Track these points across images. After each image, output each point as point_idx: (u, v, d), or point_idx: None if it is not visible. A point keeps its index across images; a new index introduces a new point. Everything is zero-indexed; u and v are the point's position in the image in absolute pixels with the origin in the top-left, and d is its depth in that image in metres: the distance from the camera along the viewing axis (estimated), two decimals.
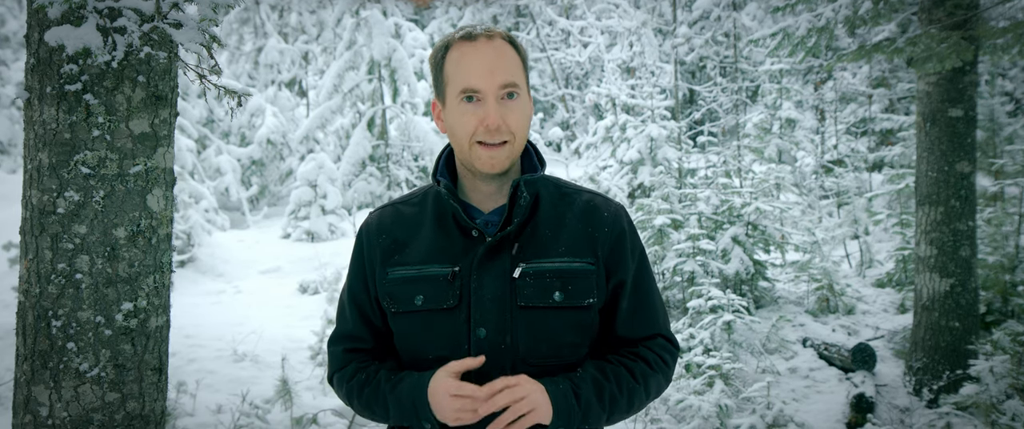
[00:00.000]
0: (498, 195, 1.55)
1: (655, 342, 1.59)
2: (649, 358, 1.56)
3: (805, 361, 5.80)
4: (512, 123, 1.47)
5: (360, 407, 1.56)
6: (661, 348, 1.59)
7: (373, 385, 1.53)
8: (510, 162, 1.50)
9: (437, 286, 1.49)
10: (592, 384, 1.46)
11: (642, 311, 1.59)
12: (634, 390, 1.51)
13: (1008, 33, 4.72)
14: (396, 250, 1.55)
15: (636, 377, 1.52)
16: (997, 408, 4.38)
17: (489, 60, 1.46)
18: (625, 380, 1.50)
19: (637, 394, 1.52)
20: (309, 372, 5.85)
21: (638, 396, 1.52)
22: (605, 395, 1.47)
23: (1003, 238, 6.39)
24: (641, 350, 1.57)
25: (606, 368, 1.51)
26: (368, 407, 1.54)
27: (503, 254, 1.49)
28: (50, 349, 2.36)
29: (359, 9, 12.04)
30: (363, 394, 1.54)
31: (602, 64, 16.10)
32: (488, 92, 1.45)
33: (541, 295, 1.47)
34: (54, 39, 2.17)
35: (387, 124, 12.09)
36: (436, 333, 1.49)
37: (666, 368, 1.58)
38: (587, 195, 1.60)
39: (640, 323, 1.59)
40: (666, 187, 7.31)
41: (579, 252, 1.51)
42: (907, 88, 11.98)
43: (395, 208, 1.62)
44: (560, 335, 1.49)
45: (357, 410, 1.58)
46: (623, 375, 1.50)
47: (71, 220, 2.34)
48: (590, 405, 1.45)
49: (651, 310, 1.60)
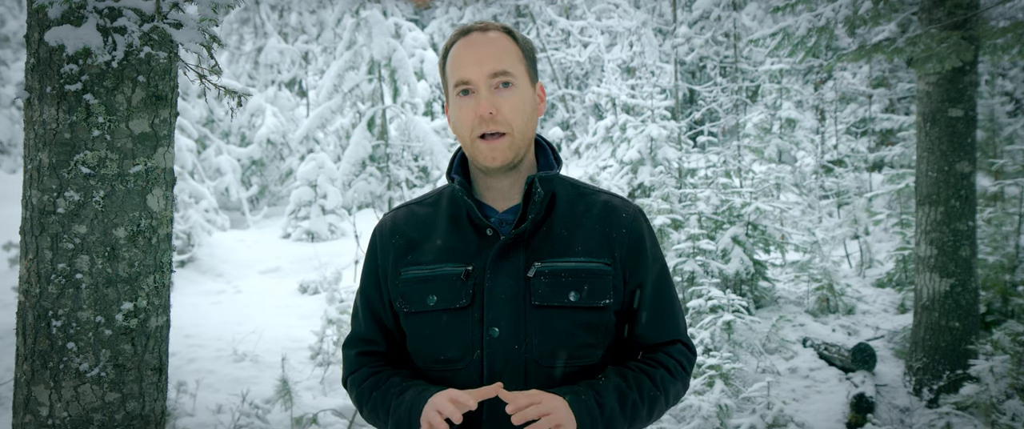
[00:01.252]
0: (512, 193, 1.53)
1: (675, 348, 1.56)
2: (670, 365, 1.53)
3: (805, 361, 5.80)
4: (507, 112, 1.45)
5: (369, 413, 1.54)
6: (680, 354, 1.56)
7: (383, 390, 1.50)
8: (512, 153, 1.47)
9: (450, 285, 1.47)
10: (615, 393, 1.43)
11: (662, 316, 1.56)
12: (655, 398, 1.48)
13: (1008, 33, 4.72)
14: (410, 250, 1.53)
15: (657, 385, 1.49)
16: (997, 408, 4.38)
17: (479, 50, 1.45)
18: (647, 388, 1.47)
19: (658, 402, 1.49)
20: (309, 372, 5.85)
21: (659, 404, 1.50)
22: (627, 404, 1.44)
23: (1003, 238, 6.39)
24: (661, 356, 1.54)
25: (628, 376, 1.48)
26: (375, 412, 1.52)
27: (517, 252, 1.47)
28: (50, 349, 2.36)
29: (359, 9, 12.03)
30: (372, 398, 1.51)
31: (602, 64, 16.10)
32: (479, 82, 1.44)
33: (556, 294, 1.45)
34: (54, 39, 2.17)
35: (387, 124, 12.09)
36: (449, 333, 1.46)
37: (685, 375, 1.56)
38: (605, 196, 1.58)
39: (660, 328, 1.56)
40: (666, 187, 7.31)
41: (596, 252, 1.49)
42: (907, 88, 11.98)
43: (409, 209, 1.60)
44: (574, 335, 1.46)
45: (366, 416, 1.56)
46: (645, 383, 1.48)
47: (71, 220, 2.34)
48: (613, 415, 1.41)
49: (671, 315, 1.57)
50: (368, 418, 1.55)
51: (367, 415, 1.55)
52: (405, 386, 1.47)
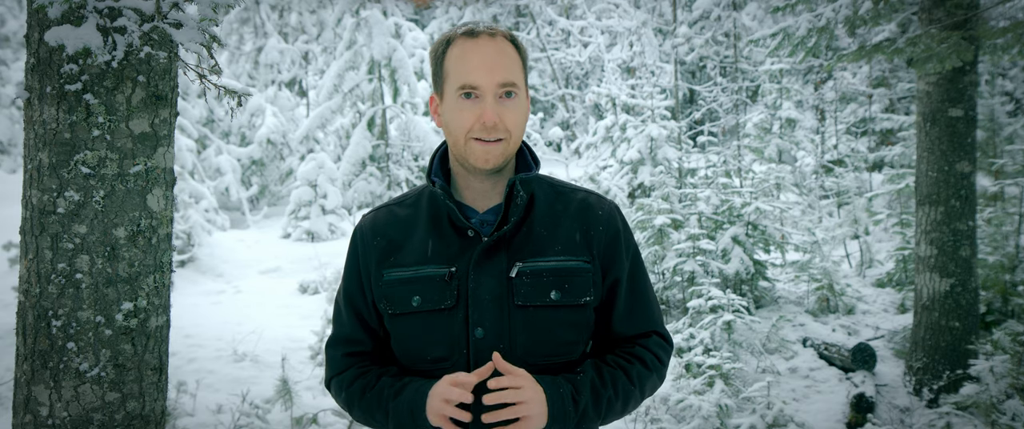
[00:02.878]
0: (492, 194, 1.55)
1: (650, 340, 1.60)
2: (646, 358, 1.57)
3: (805, 361, 5.80)
4: (509, 122, 1.47)
5: (360, 413, 1.54)
6: (656, 346, 1.60)
7: (375, 391, 1.51)
8: (504, 159, 1.50)
9: (434, 287, 1.49)
10: (590, 390, 1.47)
11: (638, 309, 1.60)
12: (629, 393, 1.52)
13: (1008, 33, 4.72)
14: (392, 252, 1.54)
15: (632, 379, 1.53)
16: (997, 408, 4.38)
17: (490, 58, 1.47)
18: (622, 384, 1.51)
19: (632, 396, 1.53)
20: (309, 372, 5.85)
21: (633, 398, 1.54)
22: (602, 401, 1.48)
23: (1003, 238, 6.39)
24: (637, 350, 1.58)
25: (604, 371, 1.51)
26: (369, 413, 1.52)
27: (500, 253, 1.49)
28: (50, 349, 2.36)
29: (359, 9, 12.03)
30: (364, 399, 1.52)
31: (602, 64, 16.10)
32: (487, 90, 1.46)
33: (538, 294, 1.48)
34: (54, 39, 2.17)
35: (387, 124, 12.08)
36: (434, 334, 1.48)
37: (661, 367, 1.60)
38: (582, 194, 1.61)
39: (636, 320, 1.60)
40: (666, 187, 7.31)
41: (575, 251, 1.52)
42: (907, 88, 11.98)
43: (389, 210, 1.61)
44: (558, 334, 1.49)
45: (357, 417, 1.56)
46: (620, 379, 1.51)
47: (71, 220, 2.34)
48: (586, 412, 1.46)
49: (646, 307, 1.61)
50: (361, 419, 1.56)
51: (359, 416, 1.55)
52: (399, 386, 1.49)
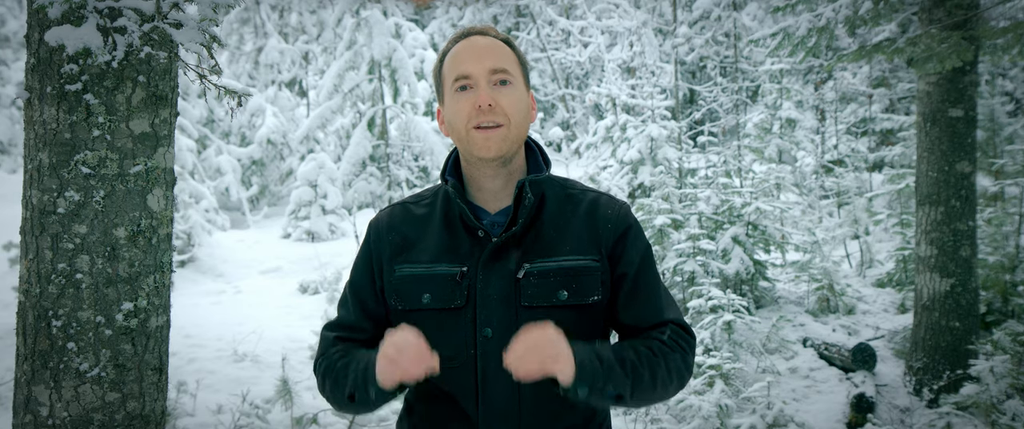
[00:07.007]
0: (503, 195, 1.56)
1: (665, 329, 1.54)
2: (663, 338, 1.51)
3: (805, 361, 5.80)
4: (506, 105, 1.48)
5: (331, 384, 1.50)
6: (673, 333, 1.54)
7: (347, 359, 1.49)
8: (505, 145, 1.50)
9: (445, 285, 1.50)
10: (612, 351, 1.43)
11: (647, 301, 1.56)
12: (655, 363, 1.46)
13: (1008, 33, 4.72)
14: (405, 248, 1.56)
15: (654, 352, 1.48)
16: (997, 408, 4.38)
17: (480, 49, 1.50)
18: (644, 353, 1.46)
19: (658, 367, 1.47)
20: (309, 372, 5.84)
21: (660, 371, 1.47)
22: (627, 363, 1.43)
23: (1003, 238, 6.39)
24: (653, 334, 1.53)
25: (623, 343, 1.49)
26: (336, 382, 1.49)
27: (509, 254, 1.50)
28: (50, 349, 2.36)
29: (359, 9, 12.03)
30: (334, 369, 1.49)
31: (602, 64, 16.09)
32: (479, 76, 1.48)
33: (545, 294, 1.48)
34: (54, 39, 2.17)
35: (387, 124, 12.08)
36: (443, 332, 1.49)
37: (683, 351, 1.52)
38: (593, 194, 1.60)
39: (646, 312, 1.55)
40: (666, 187, 7.31)
41: (583, 250, 1.52)
42: (907, 88, 11.98)
43: (405, 207, 1.63)
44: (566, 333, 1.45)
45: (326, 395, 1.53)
46: (641, 349, 1.47)
47: (71, 220, 2.34)
48: (612, 367, 1.40)
49: (657, 300, 1.57)
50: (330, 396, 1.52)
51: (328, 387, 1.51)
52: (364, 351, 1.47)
